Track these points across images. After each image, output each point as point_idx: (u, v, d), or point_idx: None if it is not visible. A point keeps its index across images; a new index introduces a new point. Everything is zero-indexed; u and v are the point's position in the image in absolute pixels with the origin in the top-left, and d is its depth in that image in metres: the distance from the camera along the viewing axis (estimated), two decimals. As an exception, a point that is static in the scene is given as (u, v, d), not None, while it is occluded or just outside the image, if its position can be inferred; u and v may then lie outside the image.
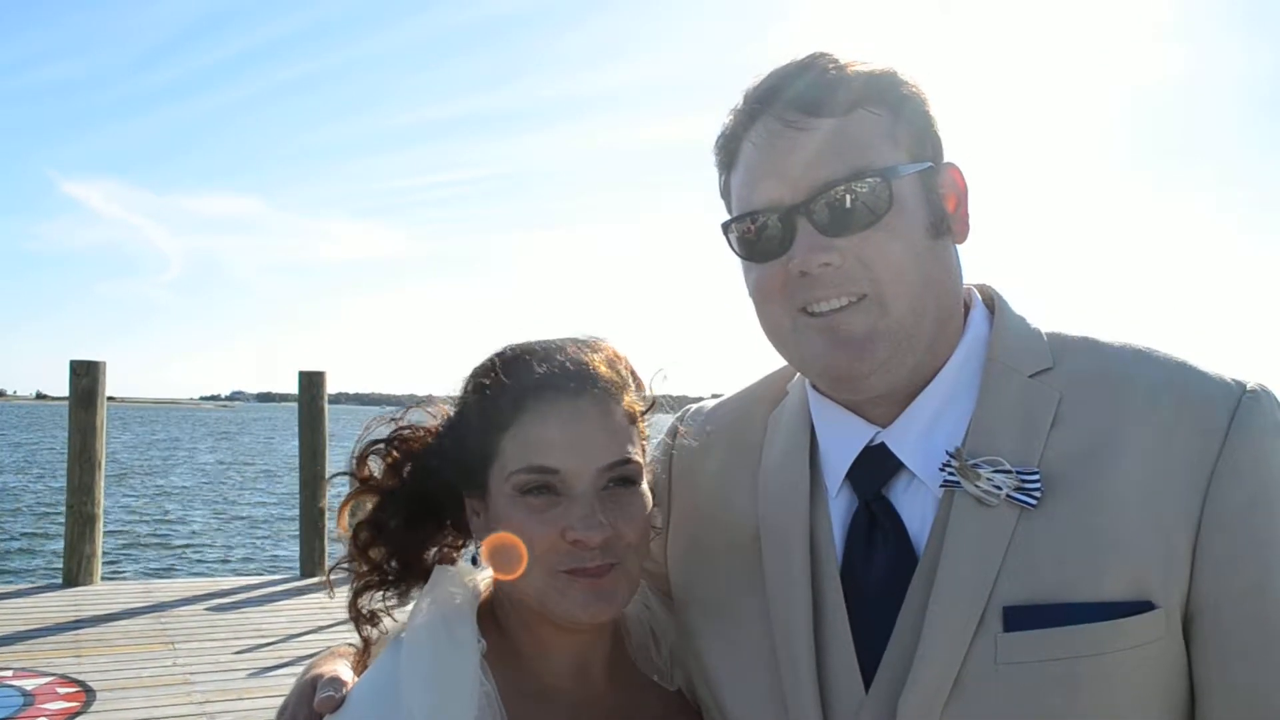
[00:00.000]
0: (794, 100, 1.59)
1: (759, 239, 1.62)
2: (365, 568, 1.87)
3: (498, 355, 1.83)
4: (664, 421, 2.01)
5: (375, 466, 1.89)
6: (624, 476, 1.74)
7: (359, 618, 1.88)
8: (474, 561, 1.89)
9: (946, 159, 1.69)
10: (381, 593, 1.88)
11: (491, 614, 1.82)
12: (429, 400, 1.94)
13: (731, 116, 1.68)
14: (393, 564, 1.88)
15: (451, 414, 1.89)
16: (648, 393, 1.86)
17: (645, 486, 1.79)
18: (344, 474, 1.92)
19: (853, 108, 1.58)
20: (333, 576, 1.98)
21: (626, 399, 1.79)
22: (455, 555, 1.94)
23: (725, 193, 1.73)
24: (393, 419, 1.92)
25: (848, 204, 1.55)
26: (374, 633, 1.88)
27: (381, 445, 1.90)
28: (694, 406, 2.07)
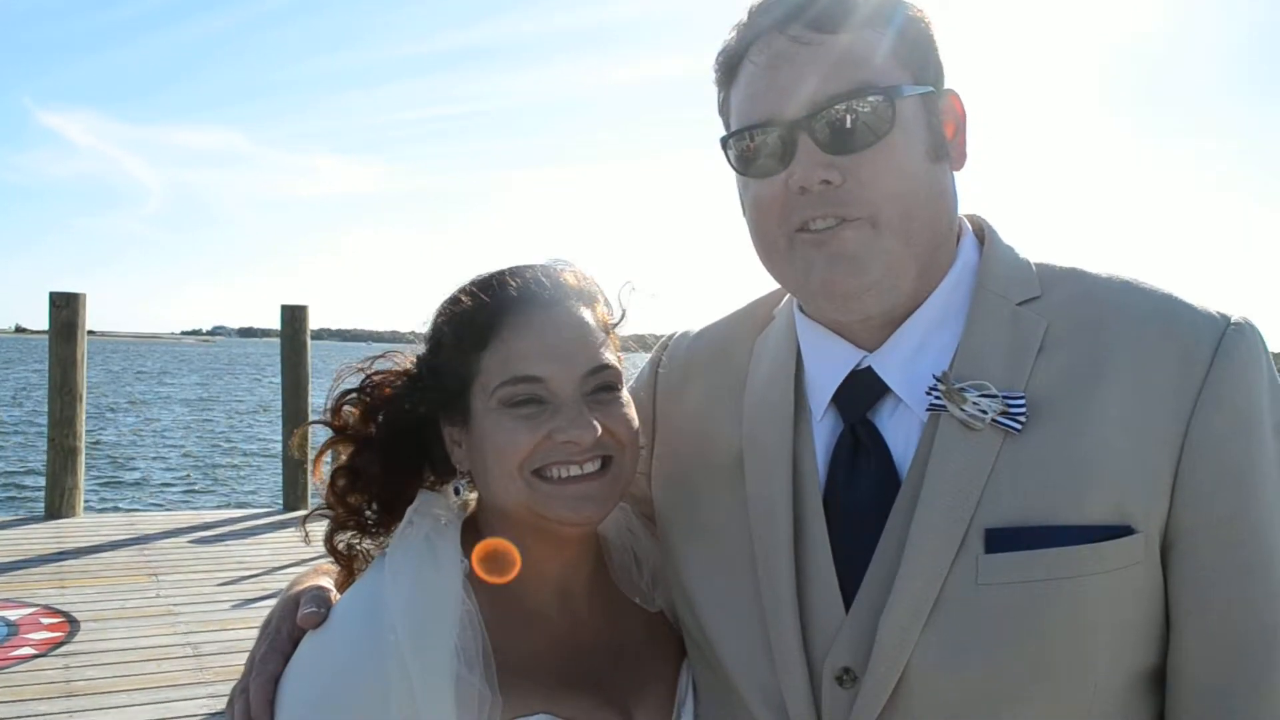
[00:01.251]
0: (799, 17, 1.58)
1: (759, 154, 1.61)
2: (343, 512, 1.88)
3: (469, 281, 1.84)
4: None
5: (349, 415, 1.89)
6: (606, 383, 1.78)
7: (336, 554, 1.89)
8: (457, 492, 1.89)
9: (947, 85, 1.67)
10: (359, 536, 1.89)
11: (476, 535, 1.83)
12: (394, 351, 1.94)
13: (734, 32, 1.66)
14: (372, 508, 1.88)
15: (422, 352, 1.89)
16: (616, 307, 1.89)
17: (627, 394, 1.83)
18: (320, 422, 1.91)
19: (858, 27, 1.57)
20: (308, 524, 1.95)
21: (598, 309, 1.83)
22: (440, 487, 1.94)
23: (724, 109, 1.71)
24: (360, 369, 1.92)
25: (850, 122, 1.54)
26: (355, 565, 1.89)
27: (354, 394, 1.89)
28: (679, 331, 2.07)
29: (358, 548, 1.89)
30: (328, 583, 1.86)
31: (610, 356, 1.80)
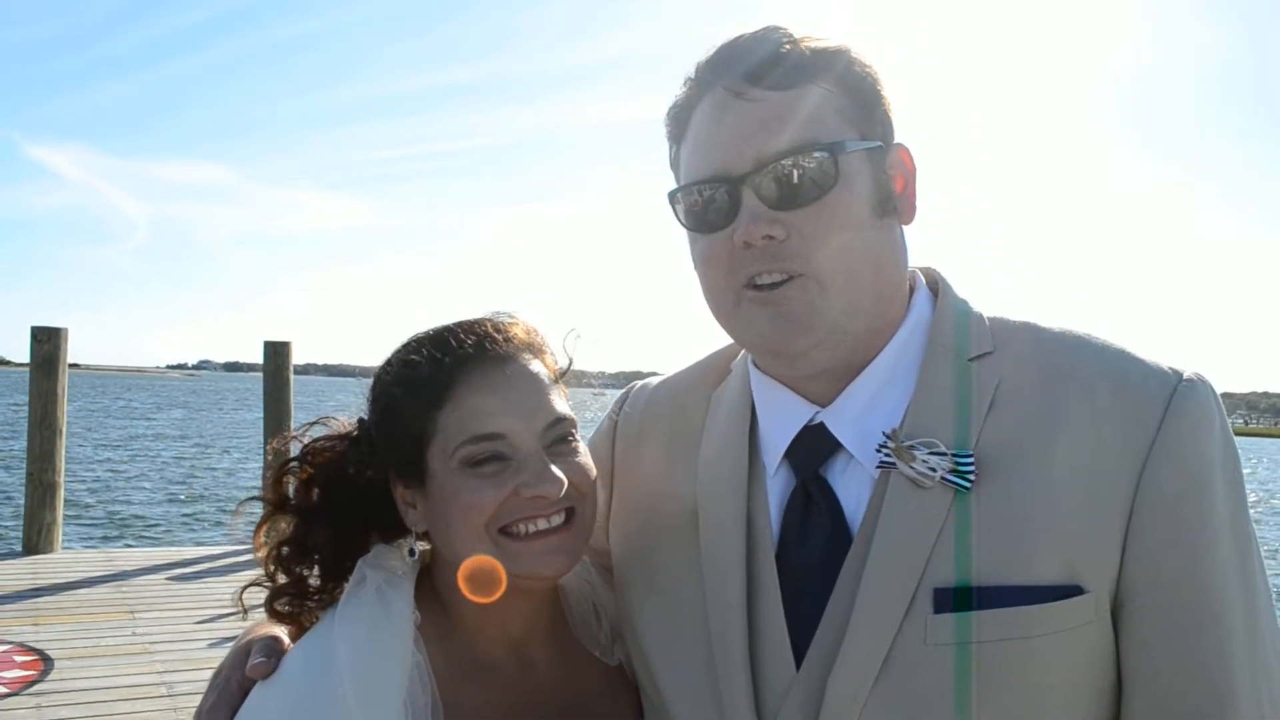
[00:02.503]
0: (745, 72, 1.59)
1: (705, 210, 1.62)
2: (287, 582, 1.86)
3: (415, 340, 1.83)
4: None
5: (290, 486, 1.87)
6: (563, 434, 1.79)
7: (279, 615, 1.88)
8: (412, 554, 1.86)
9: (898, 140, 1.68)
10: (301, 602, 1.87)
11: (430, 588, 1.83)
12: (328, 418, 1.92)
13: (684, 87, 1.68)
14: (315, 575, 1.86)
15: (366, 414, 1.87)
16: (562, 355, 1.92)
17: (581, 443, 1.85)
18: (258, 498, 1.89)
19: (803, 82, 1.58)
20: (245, 595, 1.95)
21: (547, 359, 1.86)
22: (394, 542, 1.92)
23: (675, 164, 1.73)
24: (295, 437, 1.90)
25: (794, 177, 1.55)
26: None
27: (294, 463, 1.87)
28: (638, 384, 2.07)
29: (301, 611, 1.87)
30: (281, 632, 1.85)
31: (564, 406, 1.82)
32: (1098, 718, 1.51)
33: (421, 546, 1.86)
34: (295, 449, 1.89)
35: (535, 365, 1.82)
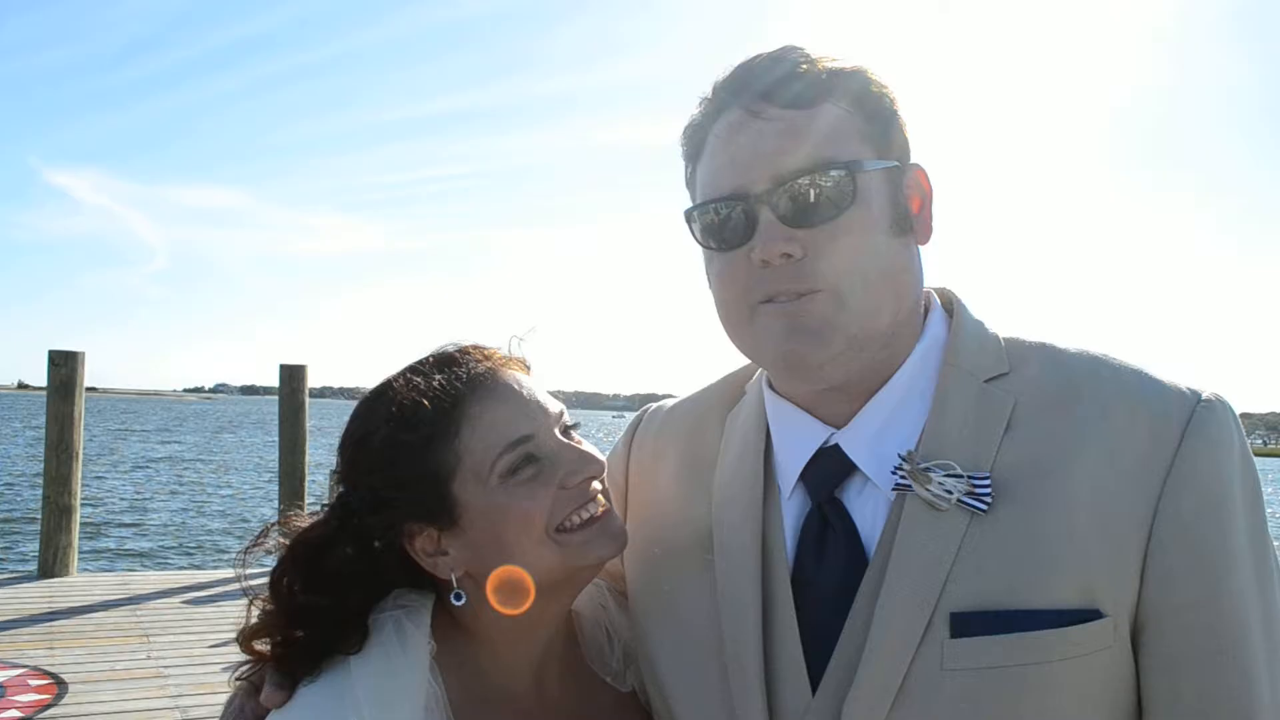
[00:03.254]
0: (762, 91, 1.59)
1: (722, 228, 1.61)
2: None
3: (387, 393, 1.76)
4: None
5: (290, 588, 1.73)
6: (570, 425, 1.82)
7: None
8: (458, 599, 1.76)
9: (914, 160, 1.68)
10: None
11: (449, 615, 1.80)
12: (290, 514, 1.83)
13: (700, 106, 1.68)
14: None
15: (347, 483, 1.79)
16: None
17: None
18: (264, 632, 1.75)
19: (820, 101, 1.58)
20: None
21: (522, 367, 1.87)
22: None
23: (690, 183, 1.72)
24: (260, 543, 1.80)
25: (811, 196, 1.54)
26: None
27: (286, 566, 1.75)
28: (653, 406, 2.06)
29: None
30: None
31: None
32: None
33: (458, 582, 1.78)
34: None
35: (521, 374, 1.83)
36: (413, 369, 1.80)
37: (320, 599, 1.70)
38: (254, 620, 1.76)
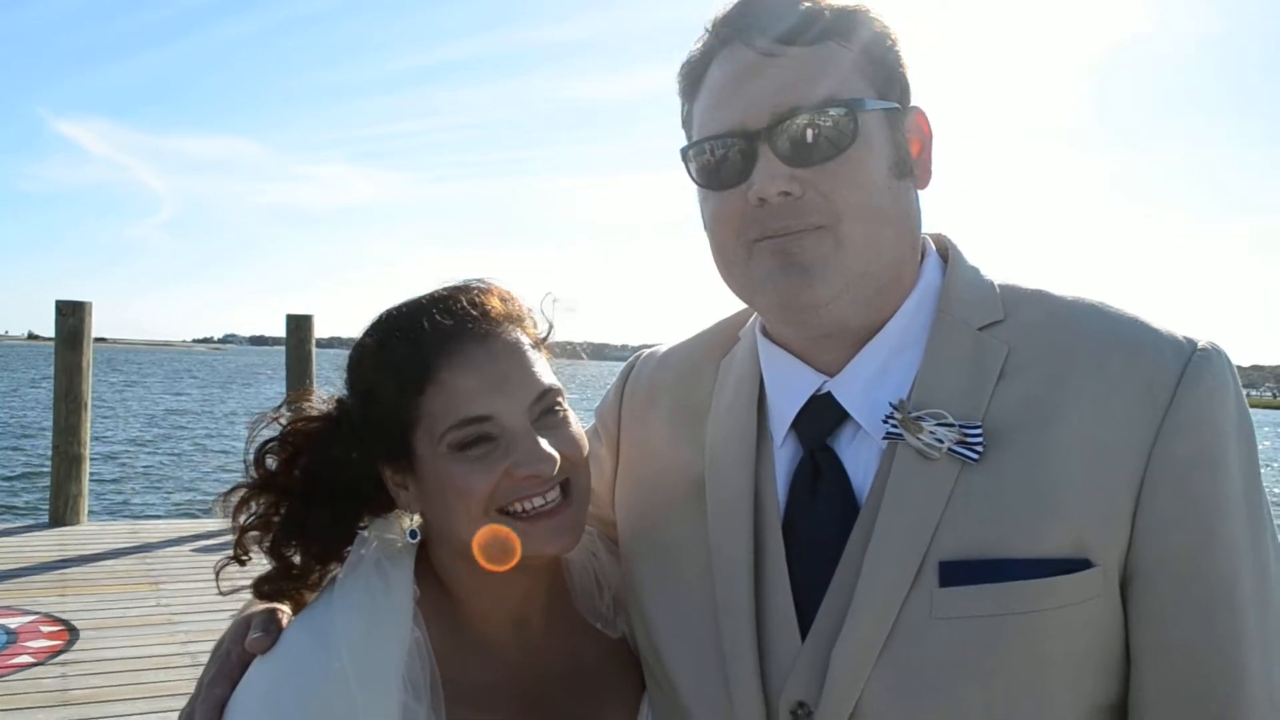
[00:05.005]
0: (763, 27, 1.56)
1: (719, 166, 1.59)
2: (275, 565, 1.82)
3: (388, 320, 1.78)
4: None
5: (273, 466, 1.81)
6: (550, 406, 1.74)
7: (267, 597, 1.84)
8: (413, 535, 1.82)
9: (914, 103, 1.66)
10: (291, 585, 1.83)
11: (428, 563, 1.81)
12: (305, 392, 1.87)
13: (698, 43, 1.65)
14: (302, 559, 1.82)
15: (345, 395, 1.83)
16: (541, 320, 1.87)
17: (569, 410, 1.80)
18: (246, 485, 1.83)
19: (824, 39, 1.55)
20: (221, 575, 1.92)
21: (528, 328, 1.80)
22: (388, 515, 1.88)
23: (687, 121, 1.69)
24: (275, 418, 1.85)
25: (811, 134, 1.52)
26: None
27: (275, 443, 1.81)
28: (646, 352, 2.05)
29: (289, 593, 1.84)
30: (282, 605, 1.84)
31: (549, 376, 1.77)
32: (1105, 691, 1.49)
33: (418, 523, 1.83)
34: (274, 429, 1.84)
35: (515, 335, 1.77)
36: (421, 304, 1.77)
37: (322, 486, 1.77)
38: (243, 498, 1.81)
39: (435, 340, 1.71)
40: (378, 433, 1.75)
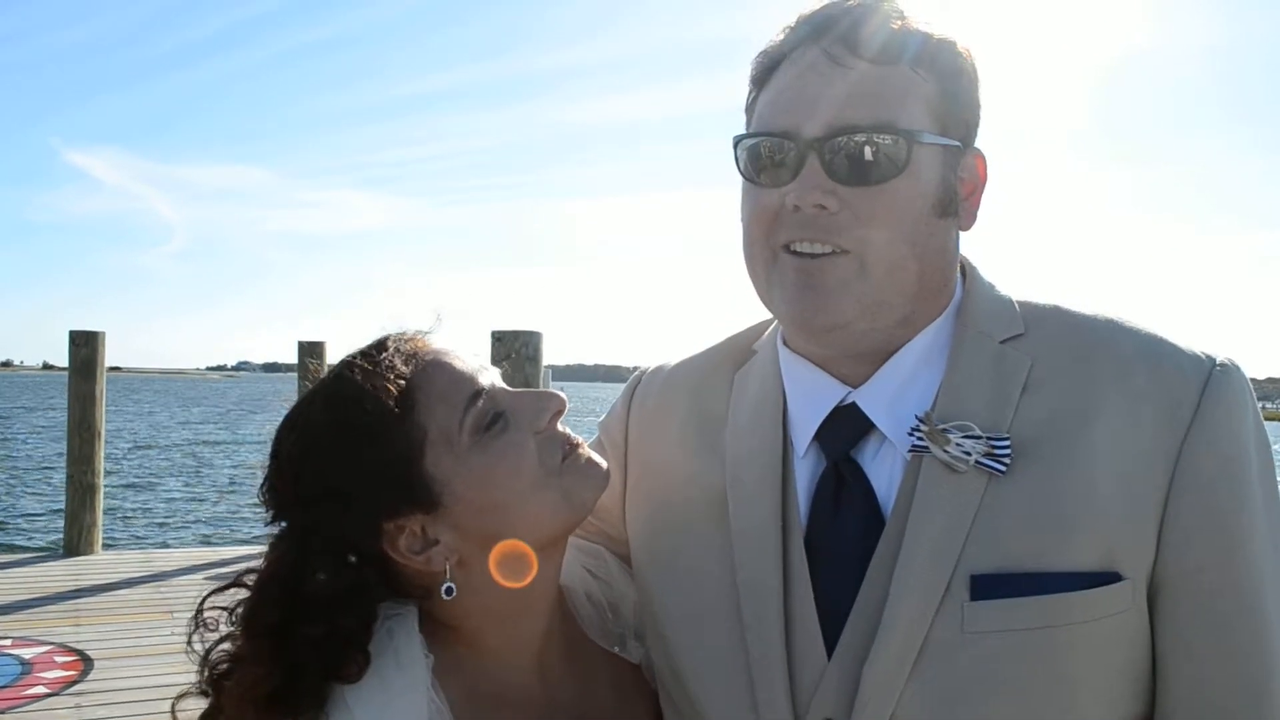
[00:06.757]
0: (844, 36, 1.53)
1: (768, 162, 1.57)
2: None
3: (335, 375, 1.70)
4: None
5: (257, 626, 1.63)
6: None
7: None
8: (449, 592, 1.66)
9: (977, 145, 1.64)
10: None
11: (434, 622, 1.70)
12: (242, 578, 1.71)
13: (780, 35, 1.62)
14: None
15: (286, 524, 1.70)
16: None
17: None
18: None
19: (899, 61, 1.53)
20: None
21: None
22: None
23: (750, 109, 1.66)
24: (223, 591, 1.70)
25: (860, 154, 1.50)
26: None
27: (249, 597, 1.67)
28: (651, 367, 2.02)
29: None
30: None
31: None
32: (1133, 704, 1.48)
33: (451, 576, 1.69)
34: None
35: (454, 346, 1.75)
36: (333, 370, 1.71)
37: (313, 628, 1.57)
38: (230, 668, 1.64)
39: (392, 363, 1.66)
40: (382, 489, 1.61)
